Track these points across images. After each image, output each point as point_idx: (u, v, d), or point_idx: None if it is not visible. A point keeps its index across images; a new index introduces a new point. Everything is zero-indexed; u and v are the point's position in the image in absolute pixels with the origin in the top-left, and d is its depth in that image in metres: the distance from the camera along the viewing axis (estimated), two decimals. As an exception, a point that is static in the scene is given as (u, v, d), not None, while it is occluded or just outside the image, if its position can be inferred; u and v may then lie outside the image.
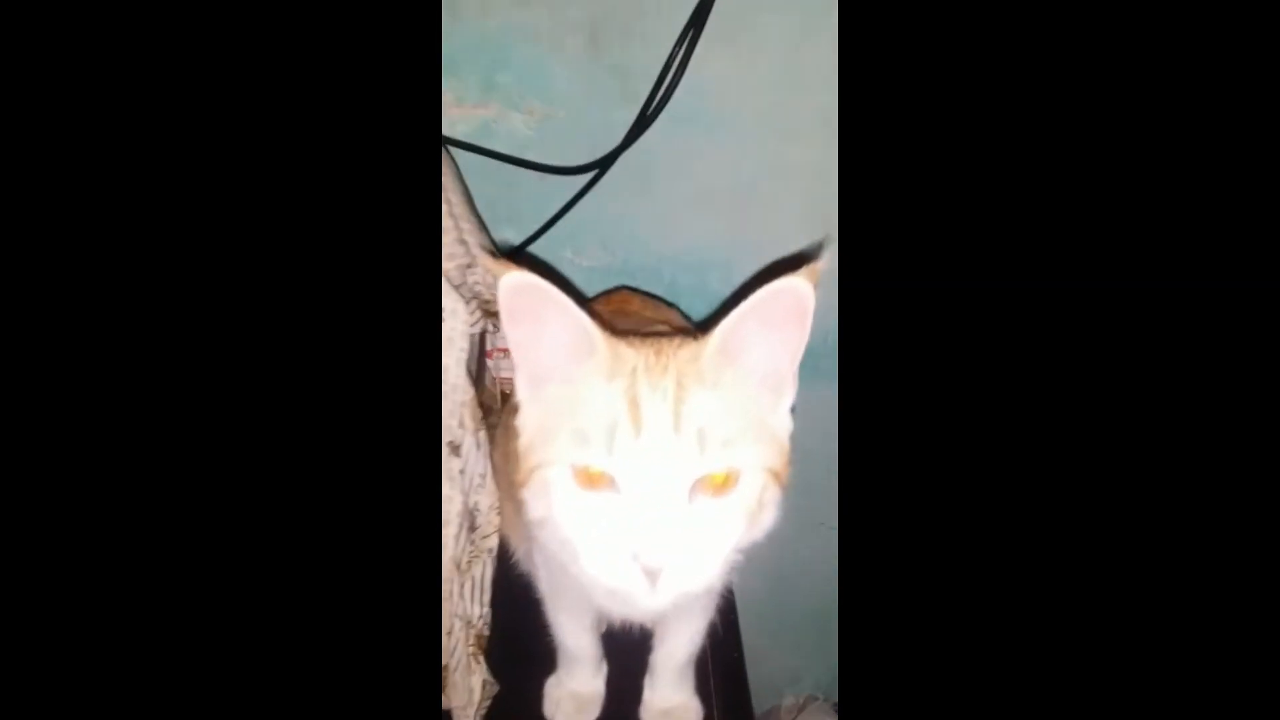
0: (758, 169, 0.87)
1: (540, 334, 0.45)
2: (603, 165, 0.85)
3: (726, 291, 0.96)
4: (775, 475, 0.47)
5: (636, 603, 0.45)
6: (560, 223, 0.88)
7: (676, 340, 0.48)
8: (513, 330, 0.45)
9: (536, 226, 0.89)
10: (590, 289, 0.90)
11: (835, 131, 0.63)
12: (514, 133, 0.86)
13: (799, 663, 1.26)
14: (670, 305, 0.84)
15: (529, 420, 0.48)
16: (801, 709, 1.27)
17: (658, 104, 0.81)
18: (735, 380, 0.46)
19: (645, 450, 0.43)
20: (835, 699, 1.28)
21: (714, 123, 0.84)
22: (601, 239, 0.92)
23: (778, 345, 0.46)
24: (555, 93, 0.84)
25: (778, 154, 0.86)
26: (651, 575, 0.43)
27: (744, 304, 0.45)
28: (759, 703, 0.96)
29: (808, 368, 0.51)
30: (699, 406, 0.44)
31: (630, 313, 0.73)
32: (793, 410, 0.50)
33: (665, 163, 0.86)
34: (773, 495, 0.47)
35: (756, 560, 0.70)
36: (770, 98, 0.83)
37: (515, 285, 0.44)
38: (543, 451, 0.46)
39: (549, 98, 0.84)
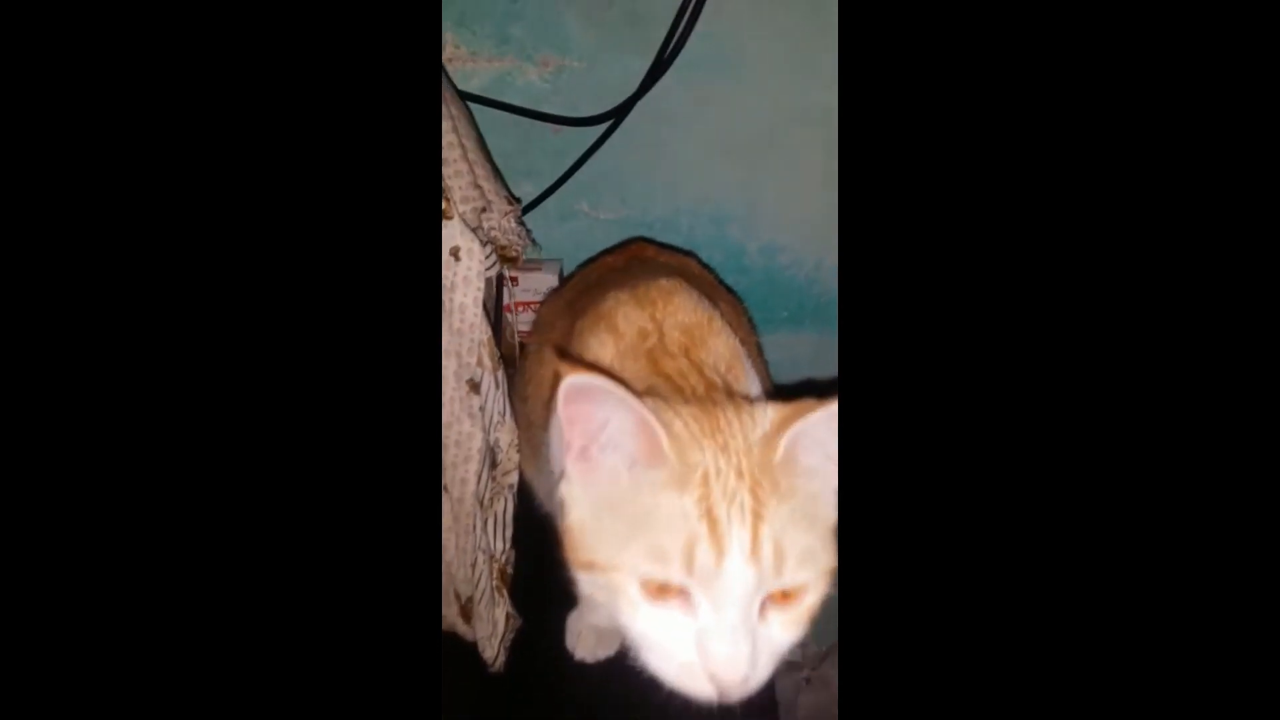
0: (776, 115, 0.87)
1: (600, 431, 0.44)
2: (618, 115, 0.85)
3: (746, 243, 0.96)
4: (834, 574, 0.45)
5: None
6: (577, 175, 0.89)
7: (737, 424, 0.45)
8: (570, 429, 0.44)
9: (553, 179, 0.90)
10: (608, 241, 0.91)
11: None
12: (529, 85, 0.86)
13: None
14: (687, 253, 0.85)
15: (578, 504, 0.46)
16: (824, 658, 1.29)
17: (672, 50, 0.81)
18: (804, 488, 0.44)
19: (726, 570, 0.42)
20: None
21: (731, 68, 0.84)
22: (619, 191, 0.92)
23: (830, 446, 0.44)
24: (569, 43, 0.85)
25: (797, 98, 0.85)
26: (725, 691, 0.43)
27: (813, 415, 0.43)
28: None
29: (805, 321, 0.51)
30: (775, 522, 0.42)
31: (646, 259, 0.73)
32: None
33: (682, 111, 0.86)
34: (827, 593, 0.46)
35: None
36: (788, 41, 0.83)
37: (577, 387, 0.42)
38: (609, 555, 0.44)
39: (562, 48, 0.85)
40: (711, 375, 0.51)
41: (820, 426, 0.43)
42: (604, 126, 0.86)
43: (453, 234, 0.53)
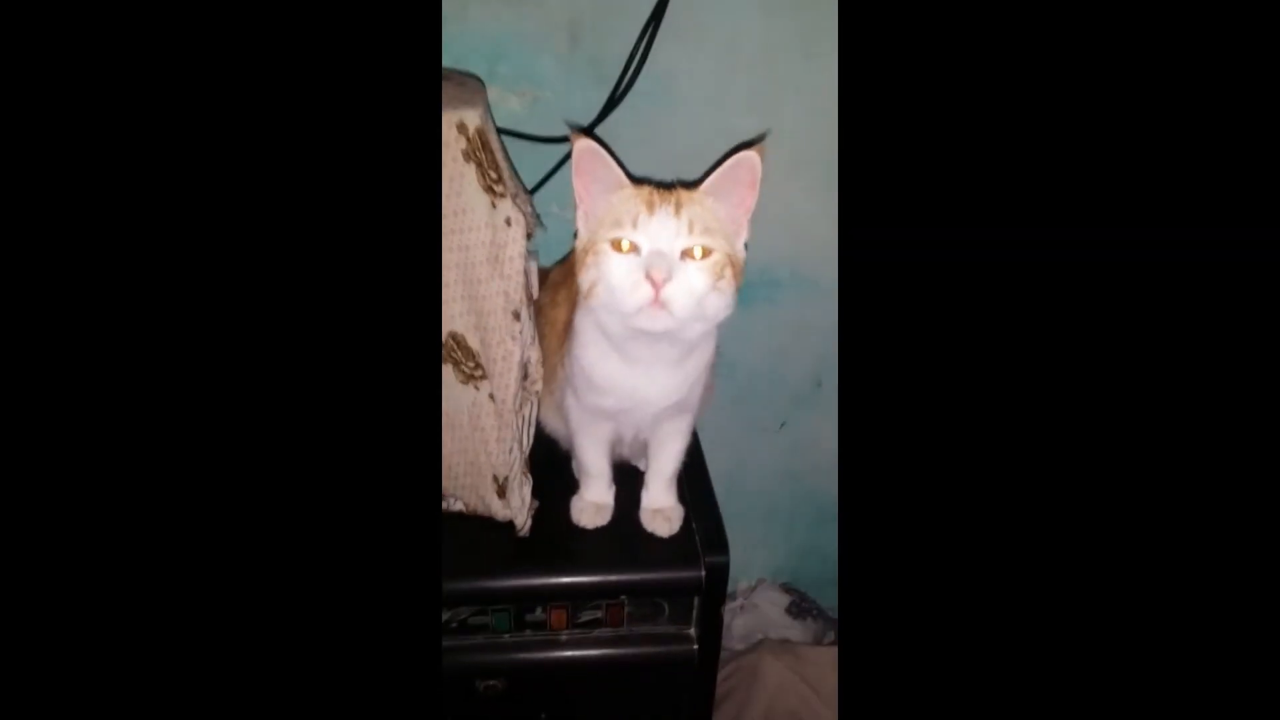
0: (705, 137, 1.06)
1: (595, 179, 0.73)
2: (583, 135, 1.07)
3: None
4: (732, 264, 0.73)
5: (645, 325, 0.71)
6: (548, 184, 1.07)
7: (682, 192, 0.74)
8: (578, 179, 0.74)
9: (530, 186, 1.08)
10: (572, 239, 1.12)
11: (769, 105, 0.84)
12: (511, 111, 1.05)
13: (748, 554, 1.46)
14: None
15: (584, 233, 0.75)
16: (753, 589, 1.51)
17: (625, 87, 1.01)
18: (713, 206, 0.74)
19: (655, 228, 0.71)
20: (782, 580, 1.52)
21: (670, 100, 1.04)
22: (582, 196, 1.15)
23: (738, 195, 0.74)
24: (543, 79, 1.03)
25: (721, 124, 1.04)
26: (656, 287, 0.69)
27: (724, 166, 0.72)
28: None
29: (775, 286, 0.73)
30: (691, 209, 0.71)
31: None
32: (746, 246, 0.77)
33: (632, 134, 1.05)
34: (728, 276, 0.73)
35: (715, 464, 0.94)
36: (714, 78, 1.04)
37: (582, 146, 0.73)
38: (595, 236, 0.73)
39: (538, 83, 1.04)
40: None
41: (717, 174, 0.73)
42: (570, 145, 1.08)
43: (505, 208, 0.76)
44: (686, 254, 0.72)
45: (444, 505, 0.89)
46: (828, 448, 1.31)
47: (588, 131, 1.06)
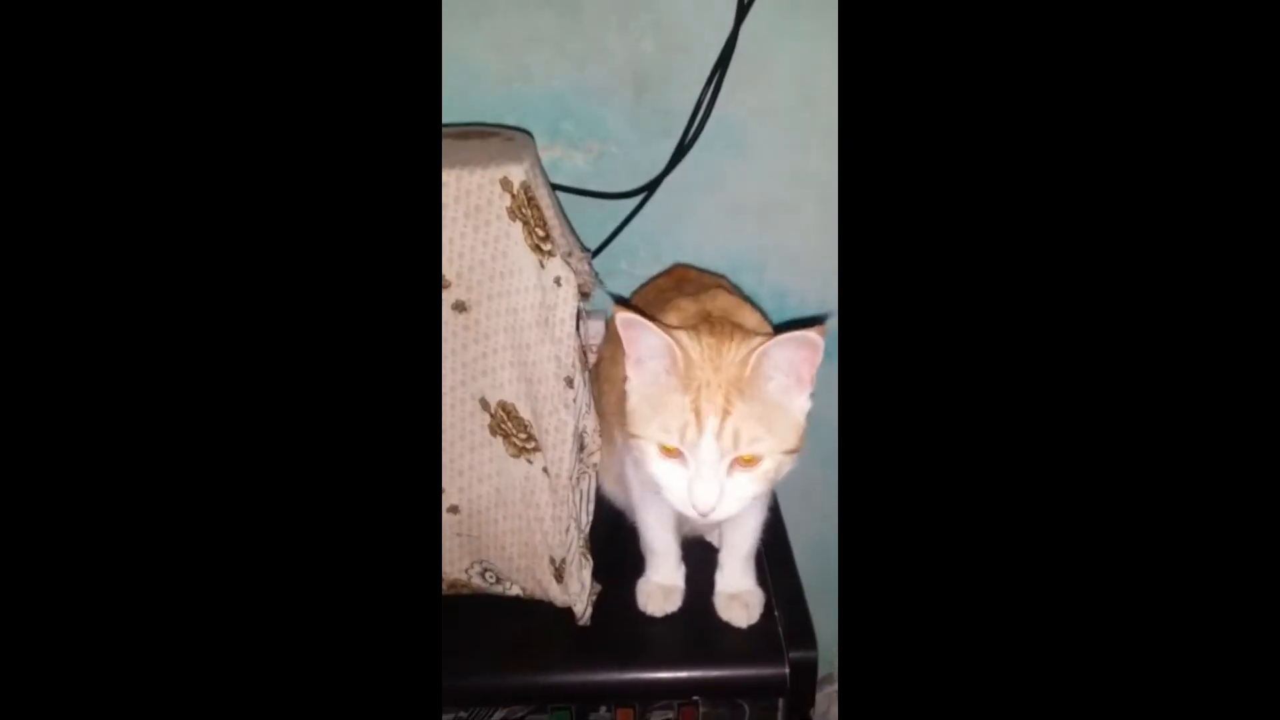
0: (778, 183, 1.04)
1: (642, 345, 0.68)
2: (650, 189, 1.02)
3: (759, 289, 1.12)
4: (790, 452, 0.69)
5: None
6: (617, 239, 1.05)
7: (733, 354, 0.68)
8: (626, 339, 0.68)
9: (598, 244, 1.06)
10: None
11: (836, 145, 0.79)
12: (576, 168, 1.02)
13: None
14: (720, 275, 1.01)
15: (637, 398, 0.70)
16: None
17: (693, 136, 0.97)
18: (763, 394, 0.68)
19: (703, 445, 0.66)
20: None
21: (740, 148, 1.00)
22: (652, 251, 1.09)
23: (798, 367, 0.68)
24: (608, 132, 1.00)
25: (794, 168, 1.02)
26: (703, 515, 0.67)
27: (774, 342, 0.66)
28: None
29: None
30: (736, 416, 0.66)
31: (690, 279, 0.92)
32: (811, 396, 0.71)
33: (702, 184, 1.02)
34: (789, 462, 0.69)
35: (805, 533, 0.86)
36: (784, 122, 1.01)
37: (624, 318, 0.67)
38: (642, 429, 0.69)
39: (604, 137, 1.01)
40: (735, 329, 0.73)
41: (776, 349, 0.66)
42: (639, 199, 1.03)
43: (554, 267, 0.71)
44: (736, 463, 0.68)
45: (500, 589, 0.82)
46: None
47: (655, 185, 1.01)
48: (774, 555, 0.86)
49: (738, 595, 0.81)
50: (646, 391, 0.69)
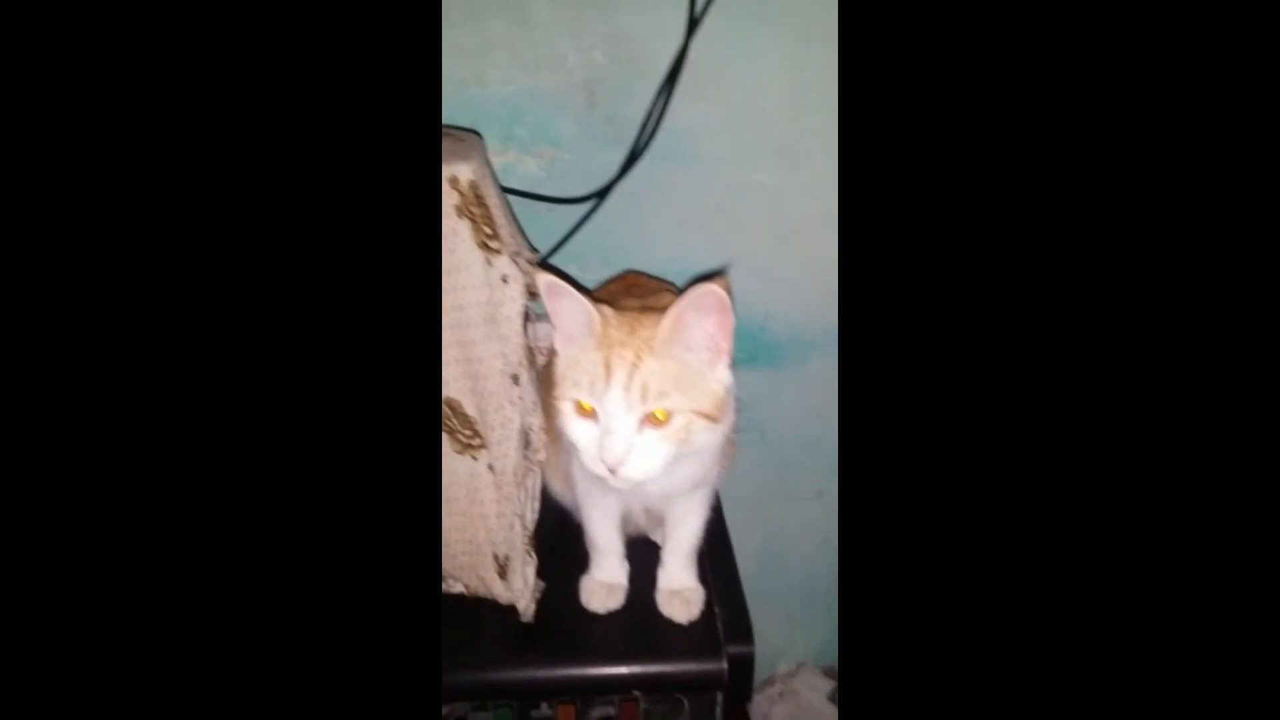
0: (724, 192, 1.06)
1: (565, 311, 0.69)
2: (600, 196, 1.04)
3: None
4: (704, 415, 0.69)
5: (612, 485, 0.68)
6: (569, 245, 1.06)
7: (649, 325, 0.69)
8: (550, 306, 0.69)
9: (549, 248, 1.07)
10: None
11: (787, 160, 0.80)
12: (528, 173, 1.03)
13: (788, 635, 1.38)
14: (669, 282, 1.02)
15: (560, 363, 0.70)
16: (794, 674, 1.40)
17: (643, 145, 0.99)
18: (675, 353, 0.68)
19: (611, 397, 0.66)
20: (825, 663, 1.41)
21: (690, 158, 1.02)
22: (602, 256, 1.10)
23: (709, 327, 0.68)
24: (560, 139, 1.02)
25: (740, 179, 1.04)
26: (611, 469, 0.67)
27: (680, 301, 0.67)
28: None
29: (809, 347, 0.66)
30: (645, 371, 0.66)
31: (640, 284, 0.94)
32: (731, 367, 0.72)
33: (651, 192, 1.04)
34: (702, 426, 0.69)
35: (748, 536, 0.87)
36: (733, 135, 1.03)
37: (547, 282, 0.68)
38: (561, 389, 0.69)
39: (556, 143, 1.02)
40: (654, 310, 0.73)
41: (688, 312, 0.66)
42: (589, 205, 1.04)
43: (503, 265, 0.72)
44: (647, 420, 0.67)
45: (443, 587, 0.83)
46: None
47: (606, 192, 1.03)
48: (715, 552, 0.87)
49: (679, 592, 0.82)
50: (567, 355, 0.71)
